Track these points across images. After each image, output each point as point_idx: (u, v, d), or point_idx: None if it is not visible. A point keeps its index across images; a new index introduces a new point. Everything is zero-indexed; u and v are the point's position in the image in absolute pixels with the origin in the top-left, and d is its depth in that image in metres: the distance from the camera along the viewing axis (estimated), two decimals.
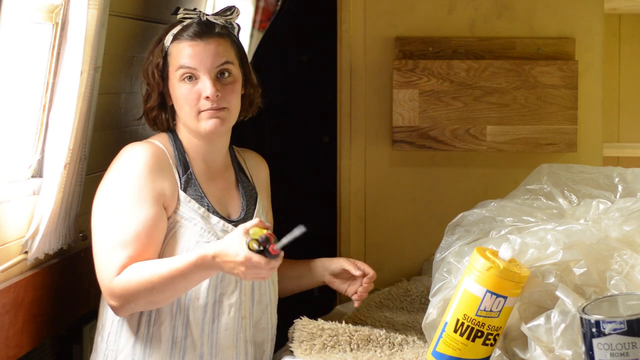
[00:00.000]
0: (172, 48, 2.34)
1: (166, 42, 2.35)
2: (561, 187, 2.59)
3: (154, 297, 2.18)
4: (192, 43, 2.32)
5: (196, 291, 2.26)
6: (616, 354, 1.85)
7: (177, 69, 2.32)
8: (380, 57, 3.06)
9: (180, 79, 2.31)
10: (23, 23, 2.22)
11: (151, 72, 2.36)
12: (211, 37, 2.33)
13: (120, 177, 2.27)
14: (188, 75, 2.30)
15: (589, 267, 2.09)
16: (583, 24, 3.04)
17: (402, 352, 2.35)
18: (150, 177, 2.26)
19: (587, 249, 2.12)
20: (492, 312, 2.06)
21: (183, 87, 2.31)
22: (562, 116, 2.97)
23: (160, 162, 2.29)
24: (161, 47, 2.36)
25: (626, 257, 2.12)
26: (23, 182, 2.35)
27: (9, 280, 2.28)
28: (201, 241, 2.27)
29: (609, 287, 2.08)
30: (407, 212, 3.10)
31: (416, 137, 2.98)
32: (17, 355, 2.33)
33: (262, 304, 2.38)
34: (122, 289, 2.17)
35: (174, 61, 2.33)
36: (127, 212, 2.22)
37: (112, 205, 2.25)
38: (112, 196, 2.26)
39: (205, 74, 2.30)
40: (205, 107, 2.30)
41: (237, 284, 2.31)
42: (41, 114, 2.39)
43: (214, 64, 2.31)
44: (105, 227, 2.23)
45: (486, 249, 2.12)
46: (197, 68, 2.30)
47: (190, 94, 2.30)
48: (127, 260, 2.19)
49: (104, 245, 2.22)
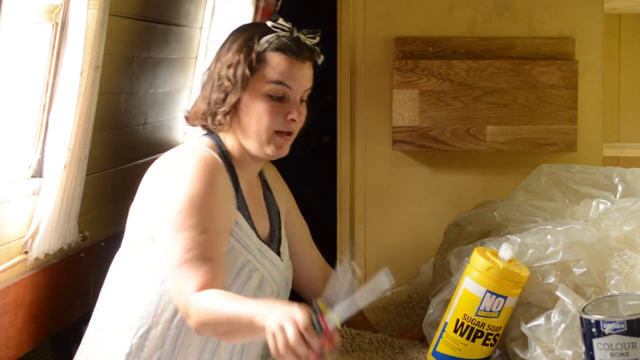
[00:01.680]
0: (270, 57, 2.18)
1: (259, 47, 2.18)
2: (561, 187, 2.59)
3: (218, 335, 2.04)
4: (294, 61, 2.19)
5: None
6: (616, 354, 1.85)
7: (272, 82, 2.17)
8: (380, 57, 3.07)
9: (270, 92, 2.17)
10: (23, 23, 2.22)
11: (241, 73, 2.16)
12: (307, 60, 2.22)
13: (188, 186, 2.08)
14: (280, 95, 2.18)
15: (589, 267, 2.09)
16: (583, 24, 3.04)
17: (403, 353, 2.35)
18: (219, 191, 2.11)
19: (587, 249, 2.12)
20: (492, 312, 2.06)
21: (268, 102, 2.17)
22: (562, 116, 2.97)
23: (221, 176, 2.14)
24: (252, 49, 2.18)
25: (626, 257, 2.12)
26: (23, 182, 2.35)
27: (9, 280, 2.28)
28: (248, 267, 2.16)
29: (609, 287, 2.08)
30: (407, 212, 3.10)
31: (416, 137, 2.98)
32: (17, 355, 2.33)
33: None
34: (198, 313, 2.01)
35: (269, 72, 2.17)
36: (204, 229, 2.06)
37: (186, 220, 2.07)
38: (183, 211, 2.07)
39: (295, 97, 2.19)
40: (283, 128, 2.17)
41: None
42: (41, 114, 2.39)
43: (303, 87, 2.21)
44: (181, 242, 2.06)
45: (486, 249, 2.12)
46: (292, 89, 2.18)
47: (276, 111, 2.17)
48: (206, 274, 2.04)
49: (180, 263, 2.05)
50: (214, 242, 2.06)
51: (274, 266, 2.24)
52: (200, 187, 2.09)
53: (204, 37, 3.54)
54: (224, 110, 2.19)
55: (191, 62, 3.47)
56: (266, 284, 2.21)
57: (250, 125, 2.19)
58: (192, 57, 3.47)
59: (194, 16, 3.37)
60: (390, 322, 2.73)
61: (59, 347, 2.73)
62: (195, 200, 2.08)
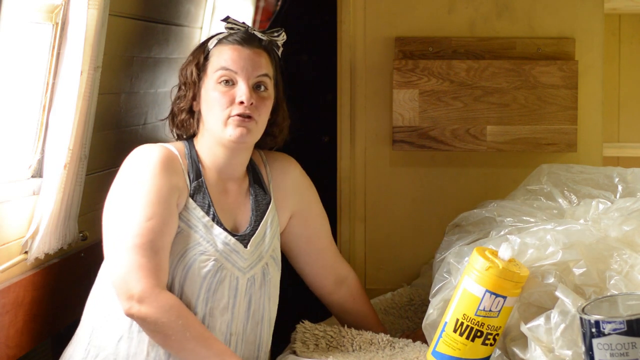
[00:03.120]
0: (215, 50, 2.33)
1: (210, 44, 2.34)
2: (561, 187, 2.59)
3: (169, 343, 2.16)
4: (236, 47, 2.31)
5: (189, 302, 2.23)
6: (616, 354, 1.85)
7: (217, 70, 2.30)
8: (380, 57, 3.06)
9: (217, 80, 2.30)
10: (23, 23, 2.22)
11: (190, 71, 2.33)
12: (256, 47, 2.33)
13: (136, 176, 2.23)
14: (226, 79, 2.29)
15: (588, 267, 2.09)
16: (583, 24, 3.04)
17: (403, 352, 2.35)
18: (165, 176, 2.23)
19: (587, 249, 2.12)
20: (492, 312, 2.06)
21: (218, 89, 2.29)
22: (562, 116, 2.97)
23: (172, 164, 2.26)
24: (204, 48, 2.35)
25: (626, 256, 2.12)
26: (23, 182, 2.35)
27: (9, 280, 2.28)
28: (198, 250, 2.25)
29: (608, 287, 2.08)
30: (407, 212, 3.10)
31: (416, 137, 2.98)
32: (17, 355, 2.33)
33: (255, 320, 2.34)
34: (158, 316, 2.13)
35: (214, 62, 2.31)
36: (147, 213, 2.18)
37: (131, 206, 2.20)
38: (129, 197, 2.21)
39: (243, 80, 2.29)
40: (237, 112, 2.28)
41: (231, 300, 2.28)
42: (41, 114, 2.39)
43: (254, 72, 2.30)
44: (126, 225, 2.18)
45: (486, 248, 2.12)
46: (237, 72, 2.29)
47: (225, 96, 2.28)
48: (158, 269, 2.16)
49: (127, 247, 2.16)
50: (160, 230, 2.18)
51: (234, 252, 2.30)
52: (145, 176, 2.21)
53: (204, 37, 3.54)
54: (182, 106, 2.35)
55: None
56: (221, 268, 2.27)
57: (208, 116, 2.32)
58: None
59: (194, 16, 3.37)
60: (393, 324, 2.73)
61: (59, 347, 2.73)
62: (139, 188, 2.20)
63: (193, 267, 2.23)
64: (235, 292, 2.29)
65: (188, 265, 2.23)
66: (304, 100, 3.74)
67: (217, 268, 2.26)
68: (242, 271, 2.30)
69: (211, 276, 2.25)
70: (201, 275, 2.24)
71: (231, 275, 2.28)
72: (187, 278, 2.23)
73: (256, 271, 2.33)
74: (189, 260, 2.24)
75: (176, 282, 2.23)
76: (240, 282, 2.30)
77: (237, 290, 2.29)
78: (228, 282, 2.28)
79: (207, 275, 2.24)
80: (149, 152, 2.26)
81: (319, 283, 2.56)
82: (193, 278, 2.23)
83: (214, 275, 2.25)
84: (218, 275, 2.26)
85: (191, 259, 2.24)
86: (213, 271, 2.25)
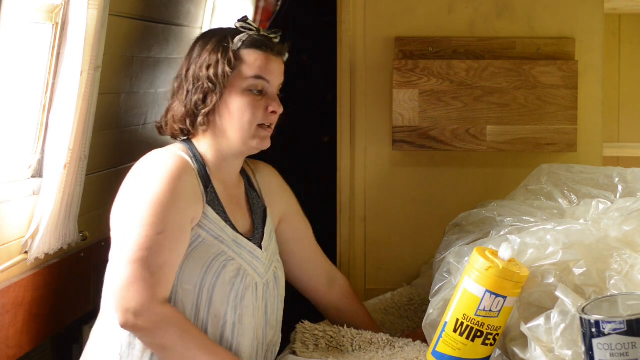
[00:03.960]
0: (245, 55, 2.27)
1: (234, 46, 2.27)
2: (561, 187, 2.59)
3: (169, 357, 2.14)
4: (269, 56, 2.29)
5: (219, 310, 2.22)
6: (616, 354, 1.85)
7: (250, 78, 2.26)
8: (380, 57, 3.06)
9: (248, 88, 2.26)
10: (23, 23, 2.22)
11: (222, 72, 2.24)
12: (280, 55, 2.33)
13: (149, 186, 2.16)
14: (259, 88, 2.27)
15: (588, 267, 2.09)
16: (583, 24, 3.04)
17: (403, 351, 2.35)
18: (179, 187, 2.17)
19: (587, 249, 2.12)
20: (492, 312, 2.06)
21: (249, 97, 2.26)
22: (562, 116, 2.97)
23: (187, 173, 2.20)
24: (227, 49, 2.26)
25: (626, 256, 2.12)
26: (23, 182, 2.35)
27: (9, 280, 2.29)
28: (224, 258, 2.23)
29: (608, 287, 2.08)
30: (407, 212, 3.10)
31: (416, 137, 2.98)
32: (17, 355, 2.33)
33: (271, 325, 2.35)
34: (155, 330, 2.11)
35: (246, 69, 2.26)
36: (158, 227, 2.13)
37: (142, 218, 2.14)
38: (140, 208, 2.15)
39: (273, 90, 2.30)
40: (265, 121, 2.27)
41: (254, 306, 2.27)
42: (41, 114, 2.39)
43: (278, 81, 2.32)
44: (134, 237, 2.14)
45: (486, 248, 2.12)
46: (270, 82, 2.28)
47: (258, 105, 2.26)
48: (161, 283, 2.12)
49: (132, 259, 2.12)
50: (167, 245, 2.14)
51: (253, 257, 2.29)
52: (162, 188, 2.16)
53: None
54: (205, 111, 2.26)
55: None
56: (245, 274, 2.25)
57: (231, 122, 2.26)
58: None
59: (194, 16, 3.37)
60: (393, 324, 2.73)
61: (59, 347, 2.73)
62: (154, 200, 2.15)
63: (222, 276, 2.22)
64: (256, 298, 2.28)
65: (217, 274, 2.22)
66: (304, 100, 3.74)
67: (243, 274, 2.25)
68: (260, 276, 2.30)
69: (238, 283, 2.24)
70: (230, 283, 2.23)
71: (252, 281, 2.27)
72: (216, 286, 2.21)
73: (269, 275, 2.34)
74: (217, 269, 2.22)
75: (204, 292, 2.21)
76: (259, 287, 2.29)
77: (257, 295, 2.28)
78: (252, 288, 2.27)
79: (235, 283, 2.23)
80: (163, 160, 2.20)
81: (313, 286, 2.56)
82: (223, 286, 2.22)
83: (240, 282, 2.24)
84: (244, 282, 2.25)
85: (219, 267, 2.22)
86: (240, 278, 2.24)
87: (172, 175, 2.17)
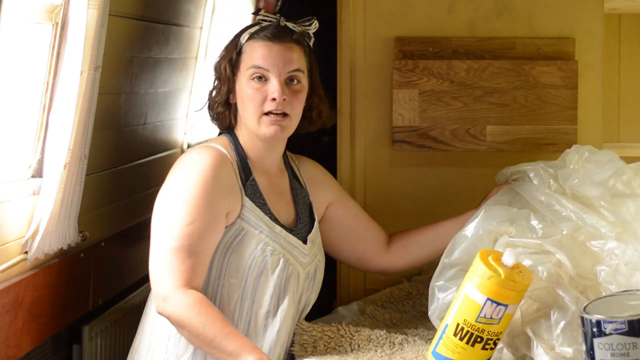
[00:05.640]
0: (247, 46, 2.35)
1: (242, 39, 2.37)
2: None
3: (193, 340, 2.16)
4: (267, 44, 2.34)
5: (261, 300, 2.28)
6: (617, 354, 1.84)
7: (249, 68, 2.33)
8: (380, 57, 3.06)
9: (250, 77, 2.33)
10: (23, 23, 2.22)
11: (223, 66, 2.36)
12: (287, 42, 2.36)
13: (184, 180, 2.24)
14: (258, 76, 2.32)
15: (580, 262, 2.10)
16: (583, 24, 3.03)
17: (402, 351, 2.35)
18: (214, 181, 2.24)
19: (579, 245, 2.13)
20: (493, 319, 2.05)
21: (251, 86, 2.33)
22: (562, 116, 2.97)
23: (223, 166, 2.28)
24: (236, 43, 2.37)
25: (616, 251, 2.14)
26: (23, 182, 2.35)
27: (9, 280, 2.28)
28: (267, 249, 2.28)
29: (600, 282, 2.09)
30: (407, 212, 3.09)
31: (416, 137, 2.98)
32: (17, 355, 2.33)
33: (302, 316, 2.41)
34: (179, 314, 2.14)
35: (247, 59, 2.34)
36: (189, 217, 2.19)
37: (175, 210, 2.21)
38: (175, 201, 2.22)
39: (275, 77, 2.32)
40: (270, 108, 2.31)
41: (294, 296, 2.33)
42: (41, 114, 2.39)
43: (285, 68, 2.33)
44: (167, 228, 2.20)
45: (490, 252, 2.10)
46: (269, 69, 2.32)
47: (258, 93, 2.32)
48: (189, 271, 2.17)
49: (165, 250, 2.18)
50: (200, 235, 2.19)
51: (295, 248, 2.35)
52: (194, 181, 2.22)
53: (204, 37, 3.54)
54: (218, 100, 2.39)
55: (191, 62, 3.47)
56: (287, 264, 2.31)
57: (243, 112, 2.36)
58: (192, 57, 3.47)
59: (194, 16, 3.37)
60: (392, 318, 2.73)
61: (59, 347, 2.73)
62: (187, 192, 2.21)
63: (266, 267, 2.27)
64: (297, 287, 2.34)
65: (261, 266, 2.27)
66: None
67: (285, 264, 2.30)
68: (303, 266, 2.36)
69: (281, 272, 2.29)
70: (275, 273, 2.28)
71: (294, 271, 2.33)
72: (261, 276, 2.27)
73: (311, 267, 2.40)
74: (261, 261, 2.27)
75: (250, 285, 2.26)
76: (301, 277, 2.35)
77: (298, 285, 2.35)
78: (294, 278, 2.33)
79: (279, 273, 2.29)
80: (200, 156, 2.27)
81: (381, 250, 2.62)
82: (266, 277, 2.27)
83: (283, 272, 2.30)
84: (286, 272, 2.31)
85: (263, 259, 2.27)
86: (283, 268, 2.29)
87: (206, 169, 2.24)
